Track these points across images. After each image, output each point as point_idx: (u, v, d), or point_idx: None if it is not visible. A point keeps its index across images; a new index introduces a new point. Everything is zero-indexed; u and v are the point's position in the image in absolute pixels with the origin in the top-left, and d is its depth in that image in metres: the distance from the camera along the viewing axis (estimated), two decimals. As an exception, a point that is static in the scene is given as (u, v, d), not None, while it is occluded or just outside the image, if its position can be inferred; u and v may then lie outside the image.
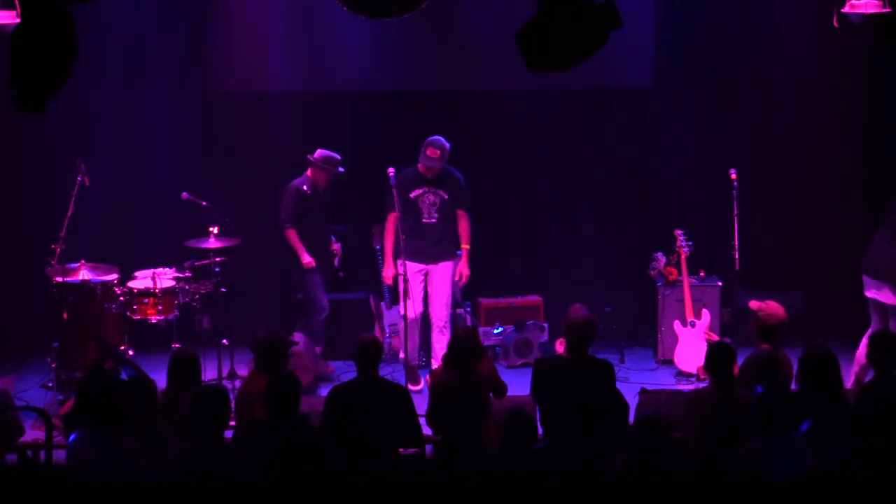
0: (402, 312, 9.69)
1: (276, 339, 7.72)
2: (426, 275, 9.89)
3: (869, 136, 11.12)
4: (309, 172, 10.16)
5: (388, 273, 10.02)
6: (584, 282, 10.94)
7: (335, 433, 7.20)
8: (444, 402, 7.43)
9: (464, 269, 9.95)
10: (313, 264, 10.10)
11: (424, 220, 9.81)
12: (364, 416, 7.20)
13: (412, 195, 9.80)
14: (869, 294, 9.27)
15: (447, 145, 9.76)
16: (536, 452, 6.84)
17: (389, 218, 9.88)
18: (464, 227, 9.95)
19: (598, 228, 11.43)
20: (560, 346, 8.18)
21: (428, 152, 9.73)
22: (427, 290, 9.93)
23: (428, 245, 9.83)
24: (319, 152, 10.14)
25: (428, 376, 8.27)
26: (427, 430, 7.62)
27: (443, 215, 9.85)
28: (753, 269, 10.47)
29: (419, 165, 9.82)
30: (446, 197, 9.83)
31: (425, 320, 10.01)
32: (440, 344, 9.71)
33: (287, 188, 10.15)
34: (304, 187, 10.14)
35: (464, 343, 7.62)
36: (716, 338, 9.92)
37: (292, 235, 10.12)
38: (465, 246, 9.96)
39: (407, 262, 9.68)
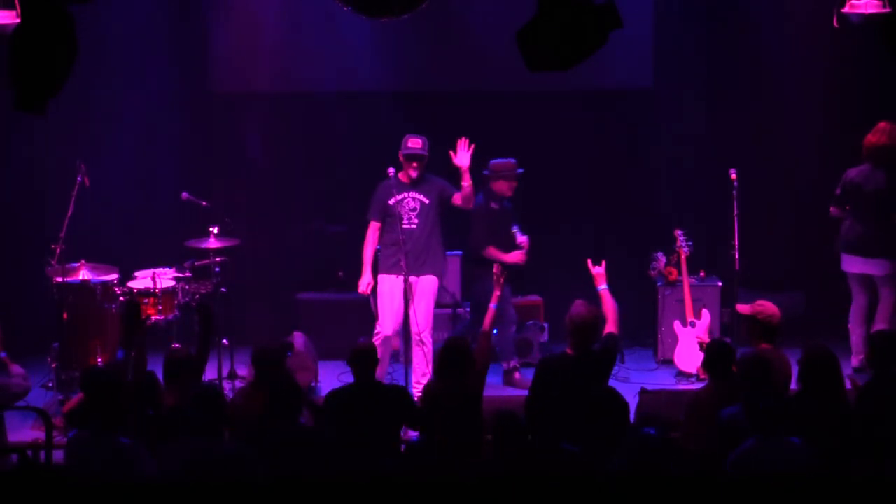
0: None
1: (271, 348, 7.63)
2: (406, 289, 9.35)
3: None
4: (493, 186, 10.00)
5: (363, 283, 9.60)
6: (585, 282, 10.92)
7: (332, 436, 7.21)
8: (437, 413, 7.36)
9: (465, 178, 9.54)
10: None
11: (405, 226, 9.43)
12: (361, 419, 7.19)
13: (391, 202, 9.49)
14: (853, 269, 9.89)
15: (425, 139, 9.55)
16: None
17: (370, 227, 9.61)
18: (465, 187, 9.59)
19: (598, 228, 11.42)
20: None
21: (409, 143, 9.47)
22: (408, 305, 9.37)
23: (409, 254, 9.35)
24: (493, 163, 10.00)
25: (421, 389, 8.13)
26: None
27: (423, 221, 9.52)
28: (753, 269, 10.47)
29: (399, 174, 9.54)
30: (427, 202, 9.54)
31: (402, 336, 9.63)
32: (417, 357, 9.44)
33: (474, 212, 9.89)
34: (492, 204, 10.00)
35: (454, 352, 7.49)
36: (707, 340, 9.92)
37: (492, 252, 9.89)
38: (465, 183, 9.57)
39: (386, 276, 9.50)
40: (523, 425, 6.58)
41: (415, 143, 9.53)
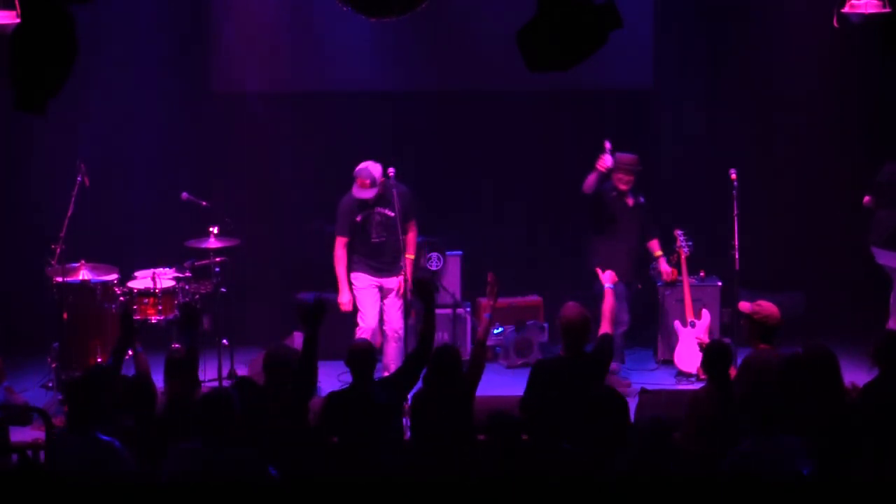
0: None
1: (283, 352, 7.60)
2: (380, 288, 9.77)
3: (869, 135, 11.12)
4: (613, 176, 9.99)
5: (344, 299, 9.73)
6: (584, 282, 10.93)
7: (331, 437, 7.22)
8: (427, 424, 7.34)
9: (406, 278, 9.76)
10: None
11: (374, 241, 9.67)
12: (359, 420, 7.19)
13: (358, 219, 9.63)
14: (878, 260, 10.06)
15: (375, 172, 9.45)
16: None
17: (338, 243, 9.65)
18: (410, 237, 9.78)
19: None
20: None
21: (357, 184, 9.50)
22: (383, 303, 9.79)
23: (382, 261, 9.73)
24: (618, 156, 9.99)
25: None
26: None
27: (390, 232, 9.61)
28: (753, 269, 10.47)
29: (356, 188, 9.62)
30: (392, 214, 9.59)
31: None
32: (397, 354, 9.62)
33: (591, 197, 9.94)
34: (612, 193, 10.04)
35: (444, 359, 7.40)
36: (707, 341, 9.91)
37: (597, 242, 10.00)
38: (409, 256, 9.77)
39: (361, 275, 9.69)
40: (518, 425, 6.57)
41: (361, 183, 9.45)
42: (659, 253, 10.29)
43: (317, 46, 11.09)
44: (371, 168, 9.51)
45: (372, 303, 9.76)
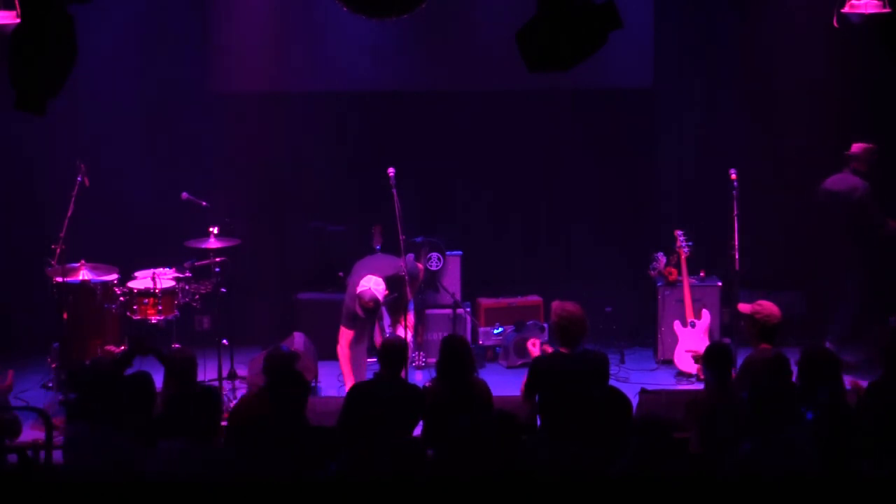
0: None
1: (283, 355, 7.60)
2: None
3: (869, 136, 11.11)
4: (862, 167, 10.17)
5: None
6: (585, 282, 10.94)
7: (353, 428, 7.23)
8: (441, 417, 7.34)
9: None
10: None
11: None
12: (382, 413, 7.21)
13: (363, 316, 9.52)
14: None
15: (378, 293, 9.25)
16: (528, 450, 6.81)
17: (344, 335, 9.44)
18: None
19: (598, 228, 11.43)
20: (547, 348, 8.12)
21: (359, 304, 9.31)
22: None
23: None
24: (859, 146, 10.18)
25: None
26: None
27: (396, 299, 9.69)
28: (753, 269, 10.46)
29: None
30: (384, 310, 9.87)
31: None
32: None
33: (866, 196, 10.15)
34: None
35: (452, 350, 7.47)
36: (701, 352, 9.91)
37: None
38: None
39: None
40: (521, 425, 6.57)
41: (366, 304, 9.29)
42: None
43: (317, 46, 11.08)
44: (374, 290, 9.28)
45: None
